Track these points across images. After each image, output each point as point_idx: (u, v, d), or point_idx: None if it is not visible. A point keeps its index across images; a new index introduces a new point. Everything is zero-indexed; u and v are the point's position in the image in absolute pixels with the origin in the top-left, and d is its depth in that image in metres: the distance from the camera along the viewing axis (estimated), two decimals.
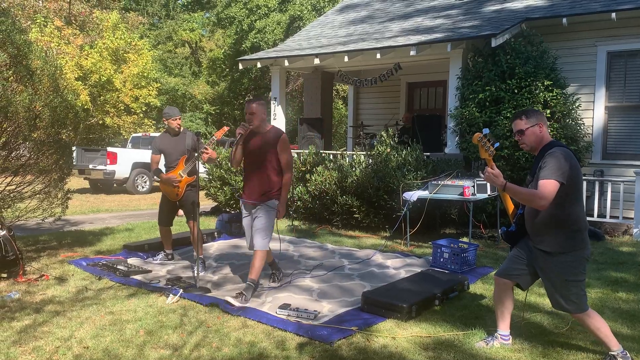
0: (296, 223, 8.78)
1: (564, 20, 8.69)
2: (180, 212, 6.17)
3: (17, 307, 4.48)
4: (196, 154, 5.65)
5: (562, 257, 3.31)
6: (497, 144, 3.76)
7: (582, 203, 3.41)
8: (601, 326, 3.35)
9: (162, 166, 5.99)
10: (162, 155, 5.98)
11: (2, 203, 6.19)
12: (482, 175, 3.46)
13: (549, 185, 3.21)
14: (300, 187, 8.82)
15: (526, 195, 3.30)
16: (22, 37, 5.87)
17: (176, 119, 5.88)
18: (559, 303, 3.38)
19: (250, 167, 4.91)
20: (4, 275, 5.32)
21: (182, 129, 5.97)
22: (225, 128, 5.88)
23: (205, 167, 9.96)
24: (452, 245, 5.98)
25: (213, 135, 5.73)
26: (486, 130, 3.80)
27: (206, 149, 5.36)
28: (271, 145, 4.80)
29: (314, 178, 8.53)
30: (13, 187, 6.31)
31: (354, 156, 8.83)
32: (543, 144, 3.42)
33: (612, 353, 3.34)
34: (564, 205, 3.25)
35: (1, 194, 6.23)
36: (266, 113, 4.83)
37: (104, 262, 5.86)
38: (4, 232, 5.36)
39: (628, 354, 3.35)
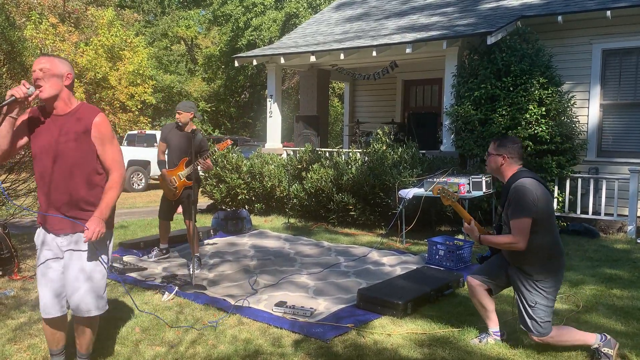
0: (292, 220, 8.78)
1: (559, 18, 8.70)
2: (179, 209, 6.15)
3: (13, 304, 4.47)
4: (195, 161, 5.51)
5: (537, 283, 3.36)
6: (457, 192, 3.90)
7: (555, 230, 3.44)
8: (565, 338, 3.40)
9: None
10: (167, 146, 5.96)
11: None
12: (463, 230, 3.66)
13: (520, 225, 3.27)
14: (296, 184, 8.83)
15: (503, 243, 3.41)
16: (17, 33, 5.86)
17: (178, 111, 5.79)
18: (525, 323, 3.42)
19: (45, 174, 2.95)
20: None
21: (193, 128, 5.69)
22: (229, 142, 5.87)
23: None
24: (447, 242, 6.00)
25: (215, 146, 5.73)
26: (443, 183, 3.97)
27: (199, 163, 5.46)
28: (78, 133, 2.93)
29: (309, 176, 8.53)
30: (8, 184, 6.29)
31: (350, 154, 8.83)
32: (506, 176, 3.49)
33: (594, 347, 3.39)
34: (537, 233, 3.30)
35: None
36: (72, 81, 2.97)
37: None
38: None
39: (608, 336, 3.41)
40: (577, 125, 8.42)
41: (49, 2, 22.79)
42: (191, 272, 5.09)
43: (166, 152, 6.00)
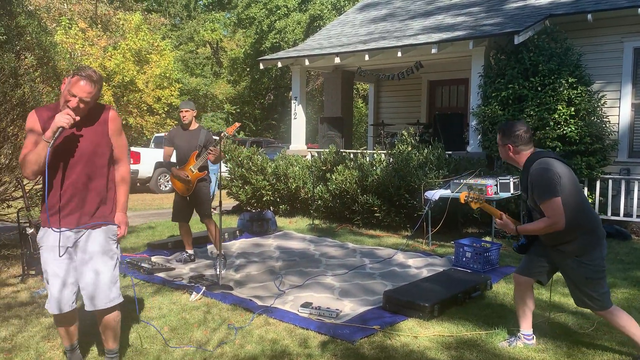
0: (317, 222, 8.79)
1: (589, 16, 8.54)
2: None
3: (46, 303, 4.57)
4: (206, 151, 5.71)
5: (580, 259, 3.29)
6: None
7: (586, 202, 3.39)
8: (628, 324, 3.30)
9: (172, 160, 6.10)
10: (174, 148, 6.06)
11: (30, 202, 6.32)
12: (496, 223, 3.60)
13: (552, 206, 3.21)
14: (320, 186, 8.84)
15: (541, 228, 3.31)
16: (49, 39, 6.01)
17: (182, 111, 5.93)
18: (582, 301, 3.36)
19: (69, 172, 3.06)
20: (32, 272, 5.45)
21: (197, 125, 6.02)
22: (237, 124, 5.93)
23: (227, 167, 10.03)
24: (474, 244, 5.93)
25: (224, 131, 5.78)
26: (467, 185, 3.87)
27: (211, 150, 5.54)
28: (102, 130, 3.12)
29: (334, 177, 8.53)
30: (40, 186, 6.44)
31: (375, 155, 8.81)
32: (521, 162, 3.45)
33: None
34: (568, 211, 3.23)
35: (29, 193, 6.36)
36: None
37: (129, 260, 5.95)
38: (32, 230, 5.48)
39: None
40: (607, 125, 8.24)
41: (79, 8, 23.30)
42: (218, 273, 5.14)
43: (172, 156, 6.10)
